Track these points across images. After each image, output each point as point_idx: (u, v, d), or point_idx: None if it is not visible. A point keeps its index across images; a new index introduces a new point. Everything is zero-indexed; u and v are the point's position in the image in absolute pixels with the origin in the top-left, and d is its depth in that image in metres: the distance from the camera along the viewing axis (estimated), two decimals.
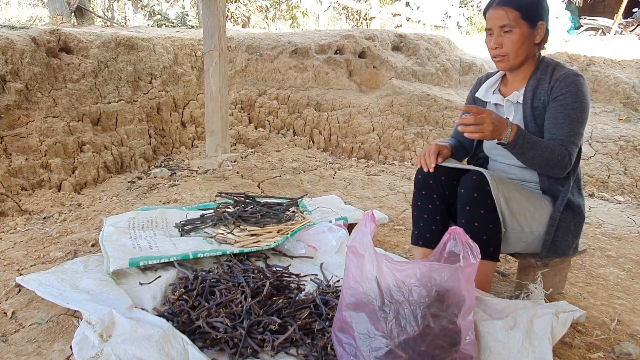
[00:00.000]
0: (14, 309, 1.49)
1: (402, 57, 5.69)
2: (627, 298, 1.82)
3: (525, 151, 1.42)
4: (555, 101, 1.48)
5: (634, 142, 4.76)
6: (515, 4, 1.46)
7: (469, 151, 1.82)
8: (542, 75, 1.53)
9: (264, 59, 5.00)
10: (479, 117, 1.36)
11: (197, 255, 1.78)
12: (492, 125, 1.36)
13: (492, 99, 1.67)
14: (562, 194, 1.54)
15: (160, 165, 3.68)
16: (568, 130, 1.45)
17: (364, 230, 1.18)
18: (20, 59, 3.03)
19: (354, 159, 4.44)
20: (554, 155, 1.43)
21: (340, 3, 12.50)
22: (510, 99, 1.59)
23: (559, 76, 1.48)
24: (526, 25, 1.47)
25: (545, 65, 1.55)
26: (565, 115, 1.46)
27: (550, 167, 1.46)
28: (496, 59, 1.54)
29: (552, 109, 1.48)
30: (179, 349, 1.23)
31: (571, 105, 1.45)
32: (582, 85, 1.47)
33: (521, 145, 1.41)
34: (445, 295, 1.17)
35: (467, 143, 1.81)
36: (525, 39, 1.48)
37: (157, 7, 10.20)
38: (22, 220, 2.44)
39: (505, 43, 1.49)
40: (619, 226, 2.74)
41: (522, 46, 1.48)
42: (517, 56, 1.51)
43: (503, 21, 1.47)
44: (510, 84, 1.63)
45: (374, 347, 1.14)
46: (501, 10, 1.47)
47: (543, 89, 1.51)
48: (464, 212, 1.48)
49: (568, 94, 1.46)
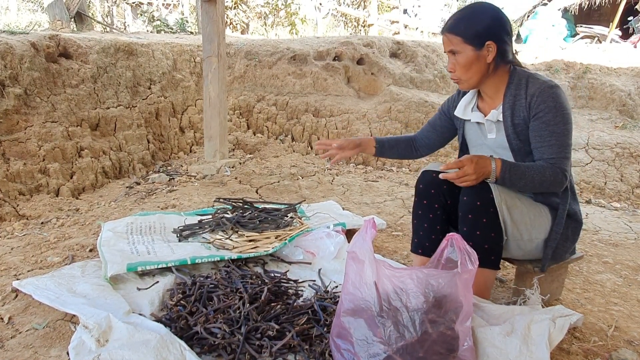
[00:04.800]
0: (10, 314, 1.49)
1: (400, 63, 5.73)
2: (624, 304, 1.82)
3: (515, 182, 1.44)
4: (536, 119, 1.47)
5: (630, 149, 4.79)
6: (457, 30, 1.48)
7: (437, 148, 1.90)
8: (517, 91, 1.52)
9: (263, 65, 5.03)
10: (461, 172, 1.40)
11: (195, 260, 1.78)
12: (475, 175, 1.40)
13: (472, 117, 1.66)
14: (561, 206, 1.54)
15: (159, 170, 3.68)
16: (557, 147, 1.45)
17: (364, 236, 1.18)
18: (19, 64, 3.03)
19: (352, 165, 4.45)
20: (545, 178, 1.44)
21: (338, 10, 12.59)
22: (490, 118, 1.59)
23: (535, 90, 1.48)
24: (471, 48, 1.47)
25: (518, 78, 1.53)
26: (551, 132, 1.45)
27: (545, 188, 1.47)
28: (454, 81, 1.59)
29: (536, 127, 1.48)
30: (176, 354, 1.22)
31: (553, 120, 1.45)
32: (559, 96, 1.46)
33: (509, 179, 1.43)
34: (442, 301, 1.18)
35: (436, 140, 1.87)
36: (472, 61, 1.49)
37: (156, 13, 10.25)
38: (20, 225, 2.43)
39: (456, 67, 1.52)
40: (615, 233, 2.75)
41: (470, 68, 1.50)
42: (468, 78, 1.52)
43: (450, 46, 1.51)
44: (486, 99, 1.63)
45: (372, 353, 1.14)
46: (448, 36, 1.51)
47: (521, 105, 1.51)
48: (466, 220, 1.48)
49: (547, 109, 1.45)
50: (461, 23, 1.49)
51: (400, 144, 1.89)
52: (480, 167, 1.41)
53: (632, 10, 9.65)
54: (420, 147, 1.90)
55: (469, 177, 1.40)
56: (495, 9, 1.52)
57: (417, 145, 1.90)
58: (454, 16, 1.54)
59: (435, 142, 1.87)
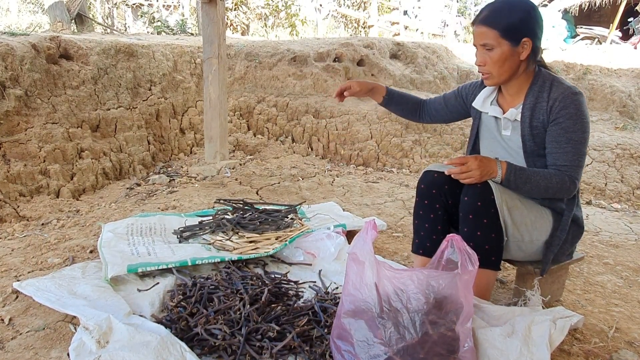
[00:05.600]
0: (11, 315, 1.49)
1: (400, 65, 5.73)
2: (625, 306, 1.82)
3: (520, 185, 1.45)
4: (555, 124, 1.45)
5: (630, 150, 4.80)
6: (495, 23, 1.43)
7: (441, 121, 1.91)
8: (540, 93, 1.50)
9: (263, 66, 5.03)
10: (464, 167, 1.41)
11: (195, 262, 1.78)
12: (479, 170, 1.40)
13: (490, 110, 1.63)
14: (566, 212, 1.53)
15: (159, 171, 3.68)
16: (572, 154, 1.44)
17: (365, 238, 1.18)
18: (20, 65, 3.04)
19: (352, 166, 4.45)
20: (551, 184, 1.43)
21: (339, 11, 12.62)
22: (508, 116, 1.57)
23: (558, 95, 1.45)
24: (508, 44, 1.43)
25: (542, 80, 1.51)
26: (568, 139, 1.44)
27: (551, 194, 1.47)
28: (482, 75, 1.55)
29: (553, 132, 1.46)
30: (177, 355, 1.22)
31: (572, 128, 1.43)
32: (581, 104, 1.44)
33: (514, 182, 1.44)
34: (443, 302, 1.18)
35: (445, 115, 1.87)
36: (506, 57, 1.45)
37: (156, 15, 10.26)
38: (20, 226, 2.43)
39: (487, 61, 1.47)
40: (616, 234, 2.75)
41: (504, 64, 1.46)
42: (500, 74, 1.49)
43: (484, 39, 1.45)
44: (506, 97, 1.61)
45: (373, 354, 1.14)
46: (482, 28, 1.45)
47: (542, 107, 1.48)
48: (467, 220, 1.47)
49: (568, 116, 1.43)
50: (498, 16, 1.43)
51: (409, 103, 1.89)
52: (485, 165, 1.41)
53: (632, 12, 9.66)
54: (426, 113, 1.89)
55: (473, 172, 1.40)
56: (532, 4, 1.48)
57: (425, 110, 1.89)
58: (489, 7, 1.47)
59: (443, 116, 1.87)
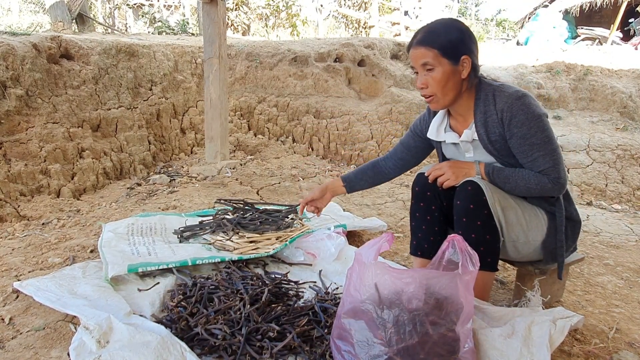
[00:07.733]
0: (11, 315, 1.49)
1: (400, 65, 5.73)
2: (625, 306, 1.82)
3: (501, 183, 1.47)
4: (512, 136, 1.43)
5: (631, 151, 4.79)
6: (433, 43, 1.41)
7: (411, 167, 1.83)
8: (486, 107, 1.46)
9: (264, 66, 5.03)
10: (438, 170, 1.51)
11: (195, 262, 1.78)
12: (450, 170, 1.49)
13: (446, 138, 1.60)
14: (557, 213, 1.52)
15: (160, 171, 3.69)
16: (542, 158, 1.42)
17: (375, 244, 1.21)
18: (21, 65, 3.04)
19: (353, 166, 4.45)
20: (530, 185, 1.44)
21: (339, 12, 12.62)
22: (464, 139, 1.55)
23: (503, 105, 1.42)
24: (448, 63, 1.41)
25: (484, 93, 1.48)
26: (531, 145, 1.41)
27: (537, 193, 1.46)
28: (426, 99, 1.51)
29: (515, 145, 1.44)
30: (177, 355, 1.22)
31: (529, 133, 1.41)
32: (528, 105, 1.40)
33: (496, 179, 1.47)
34: (443, 303, 1.18)
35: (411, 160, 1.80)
36: (448, 76, 1.43)
37: (157, 15, 10.27)
38: (21, 226, 2.43)
39: (430, 82, 1.45)
40: (616, 235, 2.75)
41: (447, 84, 1.44)
42: (444, 94, 1.46)
43: (424, 59, 1.43)
44: (457, 118, 1.59)
45: (373, 354, 1.14)
46: (420, 50, 1.43)
47: (493, 121, 1.45)
48: (461, 223, 1.47)
49: (520, 124, 1.40)
50: (435, 35, 1.42)
51: (368, 172, 1.83)
52: (458, 167, 1.48)
53: (633, 12, 9.66)
54: (391, 168, 1.82)
55: (446, 174, 1.49)
56: (462, 23, 1.48)
57: (387, 167, 1.82)
58: (424, 29, 1.47)
59: (410, 162, 1.80)
